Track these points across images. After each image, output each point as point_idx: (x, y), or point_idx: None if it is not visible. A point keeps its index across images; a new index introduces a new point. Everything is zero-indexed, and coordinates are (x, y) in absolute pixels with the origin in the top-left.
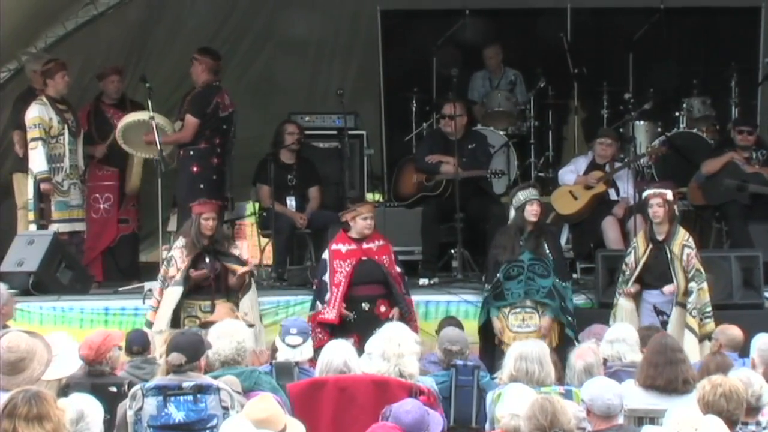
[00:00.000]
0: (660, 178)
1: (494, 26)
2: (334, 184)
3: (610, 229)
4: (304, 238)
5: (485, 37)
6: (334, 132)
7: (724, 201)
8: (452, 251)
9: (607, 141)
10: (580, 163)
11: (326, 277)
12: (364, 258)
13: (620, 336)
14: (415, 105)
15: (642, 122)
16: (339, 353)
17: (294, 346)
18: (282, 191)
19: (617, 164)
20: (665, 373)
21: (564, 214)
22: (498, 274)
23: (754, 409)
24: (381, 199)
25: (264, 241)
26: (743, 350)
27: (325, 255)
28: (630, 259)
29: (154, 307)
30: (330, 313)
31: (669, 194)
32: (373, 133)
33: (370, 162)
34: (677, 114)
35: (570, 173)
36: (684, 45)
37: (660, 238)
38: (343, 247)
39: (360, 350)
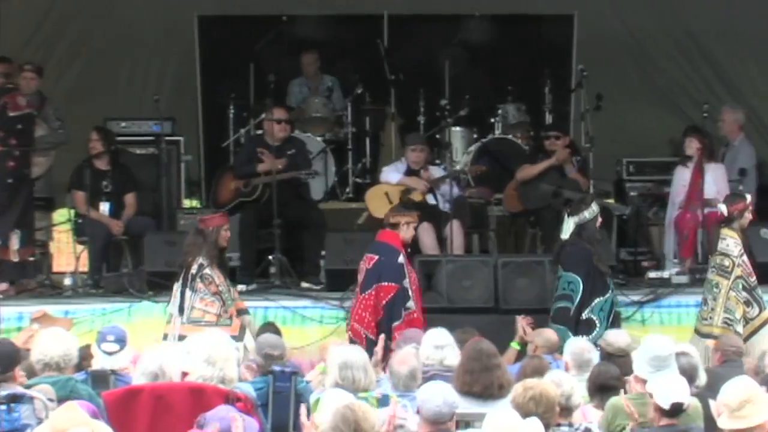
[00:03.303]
0: (476, 185)
1: (311, 33)
2: (150, 190)
3: (425, 234)
4: (120, 245)
5: (303, 44)
6: (151, 138)
7: (540, 206)
8: (270, 257)
9: (416, 147)
10: (400, 169)
11: (407, 283)
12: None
13: (441, 341)
14: (233, 111)
15: (458, 128)
16: (155, 359)
17: (110, 354)
18: (97, 197)
19: (431, 168)
20: (481, 380)
21: (378, 217)
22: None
23: (566, 410)
24: (198, 206)
25: (79, 248)
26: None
27: (401, 259)
28: None
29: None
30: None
31: None
32: (192, 139)
33: (187, 168)
34: (492, 120)
35: (392, 173)
36: (499, 52)
37: None
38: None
39: None
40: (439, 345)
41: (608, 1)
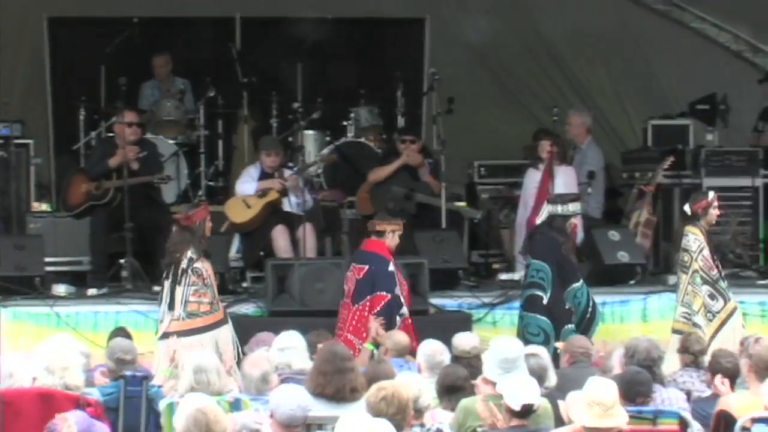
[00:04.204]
0: (329, 187)
1: (163, 35)
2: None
3: (279, 237)
4: None
5: (154, 46)
6: (0, 141)
7: (393, 209)
8: (121, 261)
9: (271, 152)
10: (253, 174)
11: (398, 290)
12: None
13: (290, 344)
14: (83, 114)
15: (311, 131)
16: (4, 364)
17: None
18: None
19: (287, 171)
20: (334, 382)
21: (237, 223)
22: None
23: (416, 411)
24: (49, 209)
25: None
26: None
27: (391, 267)
28: None
29: None
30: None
31: None
32: (41, 141)
33: (37, 171)
34: (345, 123)
35: (246, 183)
36: (352, 55)
37: None
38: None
39: None
40: (282, 348)
41: (459, 5)
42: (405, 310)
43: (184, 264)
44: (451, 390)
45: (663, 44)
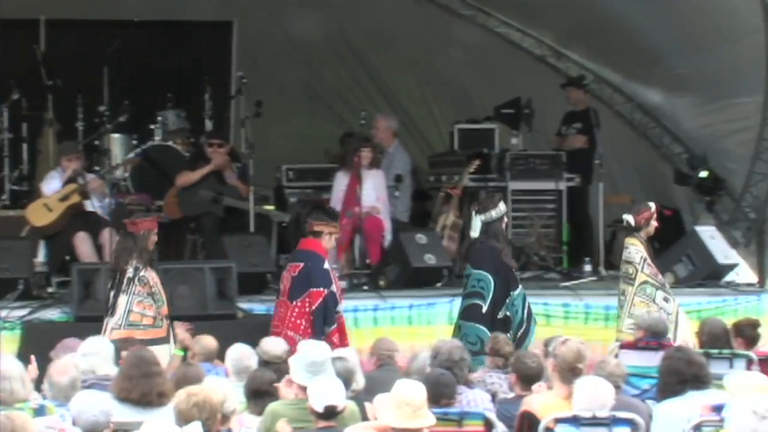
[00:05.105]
0: (137, 191)
1: None
2: None
3: (81, 244)
4: None
5: None
6: None
7: (200, 213)
8: None
9: (70, 156)
10: (57, 178)
11: (334, 288)
12: None
13: (93, 349)
14: None
15: (117, 135)
16: None
17: None
18: None
19: (90, 176)
20: (140, 386)
21: (37, 226)
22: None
23: (224, 416)
24: None
25: None
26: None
27: (326, 265)
28: None
29: None
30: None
31: None
32: None
33: None
34: (152, 127)
35: (52, 183)
36: (159, 58)
37: None
38: None
39: None
40: (85, 353)
41: (267, 8)
42: (340, 307)
43: (130, 273)
44: (258, 394)
45: (469, 49)
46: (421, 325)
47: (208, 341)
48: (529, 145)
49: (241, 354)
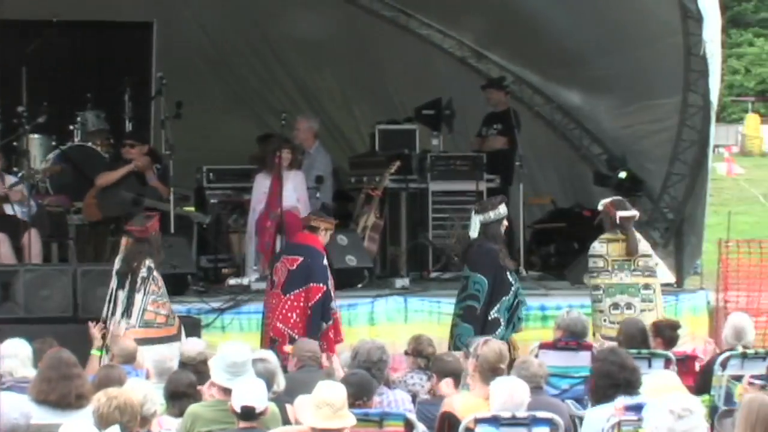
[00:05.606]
0: (55, 192)
1: None
2: None
3: (1, 245)
4: None
5: None
6: None
7: (119, 214)
8: None
9: None
10: None
11: (330, 284)
12: None
13: (12, 351)
14: None
15: (36, 136)
16: None
17: None
18: None
19: (9, 177)
20: (58, 389)
21: None
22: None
23: (143, 418)
24: None
25: None
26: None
27: (326, 261)
28: None
29: None
30: None
31: None
32: None
33: None
34: (72, 127)
35: None
36: (78, 58)
37: None
38: None
39: None
40: (3, 355)
41: (188, 8)
42: (334, 304)
43: (143, 272)
44: (177, 396)
45: (390, 50)
46: (342, 326)
47: (127, 343)
48: (450, 146)
49: (162, 355)
